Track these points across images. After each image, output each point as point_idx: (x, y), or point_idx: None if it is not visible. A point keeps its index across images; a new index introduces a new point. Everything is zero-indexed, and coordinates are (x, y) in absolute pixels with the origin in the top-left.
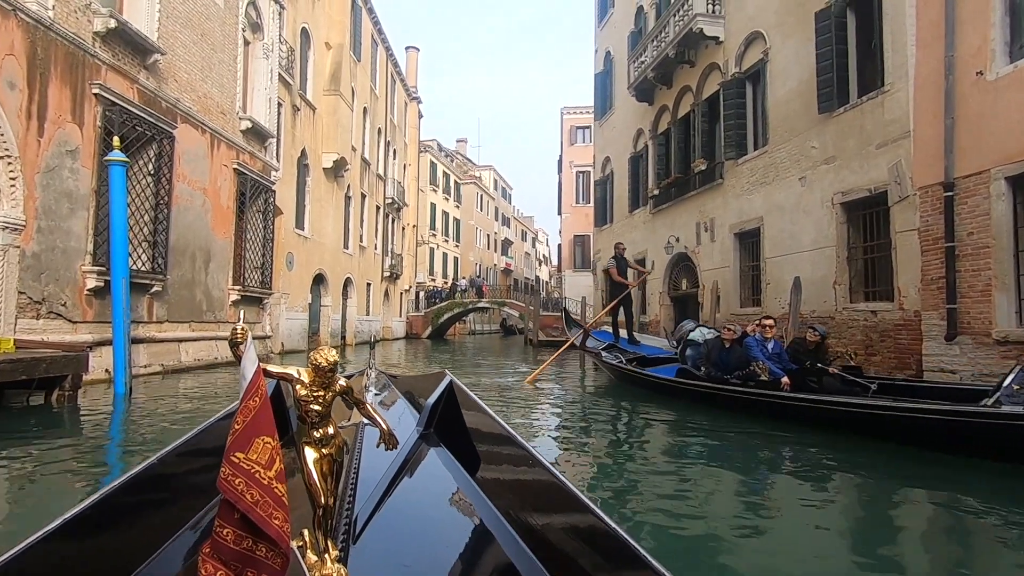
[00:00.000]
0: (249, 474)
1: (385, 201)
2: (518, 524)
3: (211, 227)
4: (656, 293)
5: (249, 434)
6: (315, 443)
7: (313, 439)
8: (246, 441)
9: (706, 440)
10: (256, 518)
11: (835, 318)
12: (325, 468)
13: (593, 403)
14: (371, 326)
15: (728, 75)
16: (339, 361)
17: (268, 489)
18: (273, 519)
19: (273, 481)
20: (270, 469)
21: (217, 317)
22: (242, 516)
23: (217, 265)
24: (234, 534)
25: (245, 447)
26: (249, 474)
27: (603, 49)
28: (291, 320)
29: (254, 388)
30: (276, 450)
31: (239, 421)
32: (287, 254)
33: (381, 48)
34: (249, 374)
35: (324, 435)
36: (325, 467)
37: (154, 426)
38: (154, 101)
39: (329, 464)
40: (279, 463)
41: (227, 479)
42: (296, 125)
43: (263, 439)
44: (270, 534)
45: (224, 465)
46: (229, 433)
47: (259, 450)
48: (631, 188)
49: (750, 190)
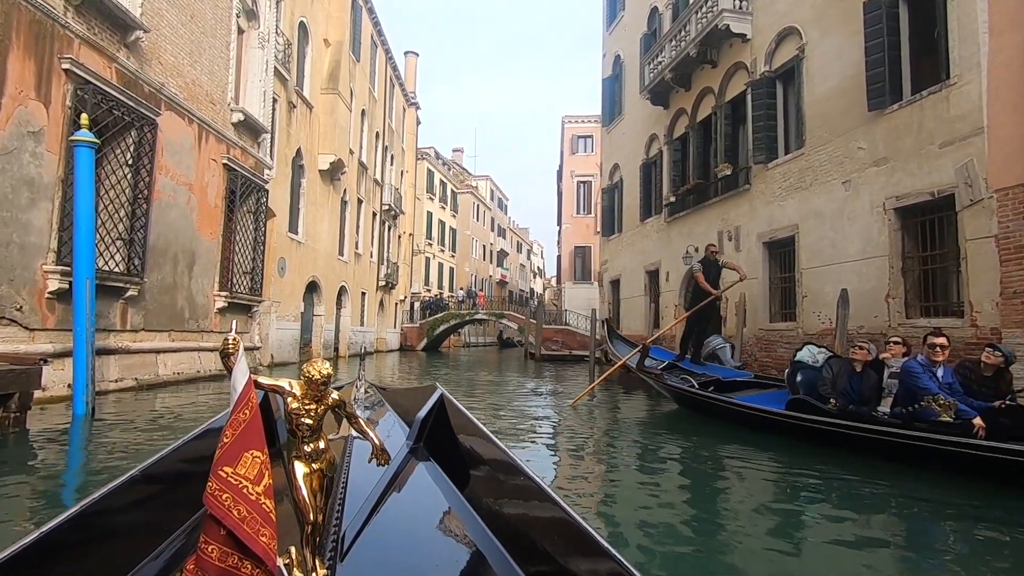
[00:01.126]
0: (237, 489)
1: (382, 207)
2: (508, 541)
3: (196, 227)
4: (671, 306)
5: (238, 448)
6: (305, 458)
7: (303, 453)
8: (235, 455)
9: (854, 508)
10: (243, 535)
11: (887, 335)
12: (315, 484)
13: (660, 437)
14: (365, 337)
15: (757, 74)
16: (332, 374)
17: (256, 505)
18: (260, 536)
19: (261, 497)
20: (258, 484)
21: (201, 326)
22: (228, 532)
23: (202, 268)
24: (219, 551)
25: (234, 461)
26: (237, 489)
27: (612, 53)
28: (282, 330)
29: (245, 400)
30: (265, 464)
31: (228, 434)
32: (279, 259)
33: (380, 50)
34: (240, 386)
35: (315, 450)
36: (315, 483)
37: (115, 453)
38: (135, 83)
39: (319, 479)
40: (268, 478)
41: (214, 494)
42: (292, 123)
43: (252, 453)
44: (256, 552)
45: (211, 479)
46: (217, 446)
47: (248, 464)
48: (643, 196)
49: (782, 196)
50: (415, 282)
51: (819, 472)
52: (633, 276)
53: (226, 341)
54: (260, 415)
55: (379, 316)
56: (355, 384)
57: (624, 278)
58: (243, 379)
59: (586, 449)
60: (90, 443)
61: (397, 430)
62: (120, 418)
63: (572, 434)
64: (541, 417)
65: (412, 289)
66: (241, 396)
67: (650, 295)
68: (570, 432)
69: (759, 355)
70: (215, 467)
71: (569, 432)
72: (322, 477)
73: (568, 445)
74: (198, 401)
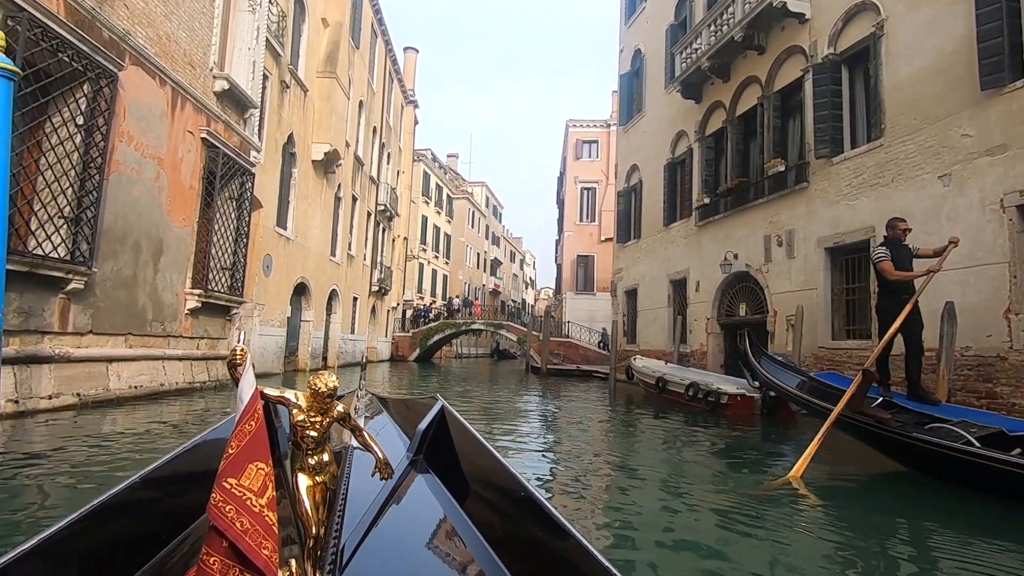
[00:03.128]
0: (240, 501)
1: (377, 208)
2: (506, 556)
3: (166, 209)
4: (702, 319)
5: (243, 459)
6: (309, 470)
7: (307, 466)
8: (239, 466)
9: None
10: (245, 548)
11: (1008, 359)
12: (318, 496)
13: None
14: (356, 346)
15: (818, 58)
16: (339, 387)
17: (259, 517)
18: (262, 549)
19: (264, 509)
20: (262, 496)
21: (167, 329)
22: (230, 545)
23: (171, 261)
24: (221, 563)
25: (238, 473)
26: (240, 501)
27: (630, 48)
28: (266, 336)
29: (251, 411)
30: (269, 476)
31: (233, 445)
32: (264, 256)
33: (380, 41)
34: (246, 396)
35: (319, 462)
36: (318, 495)
37: (18, 507)
38: (90, 25)
39: (322, 492)
40: (271, 490)
41: (218, 506)
42: (284, 105)
43: (257, 465)
44: (258, 564)
45: (215, 491)
46: (223, 456)
47: (252, 476)
48: (667, 199)
49: (851, 194)
50: (408, 289)
51: None
52: (653, 285)
53: (234, 352)
54: (266, 426)
55: (371, 324)
56: (356, 394)
57: (643, 288)
58: (250, 389)
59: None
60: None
61: (397, 441)
62: (39, 450)
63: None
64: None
65: (405, 296)
66: (247, 407)
67: (674, 306)
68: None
69: None
70: (219, 478)
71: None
72: (325, 490)
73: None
74: (160, 422)
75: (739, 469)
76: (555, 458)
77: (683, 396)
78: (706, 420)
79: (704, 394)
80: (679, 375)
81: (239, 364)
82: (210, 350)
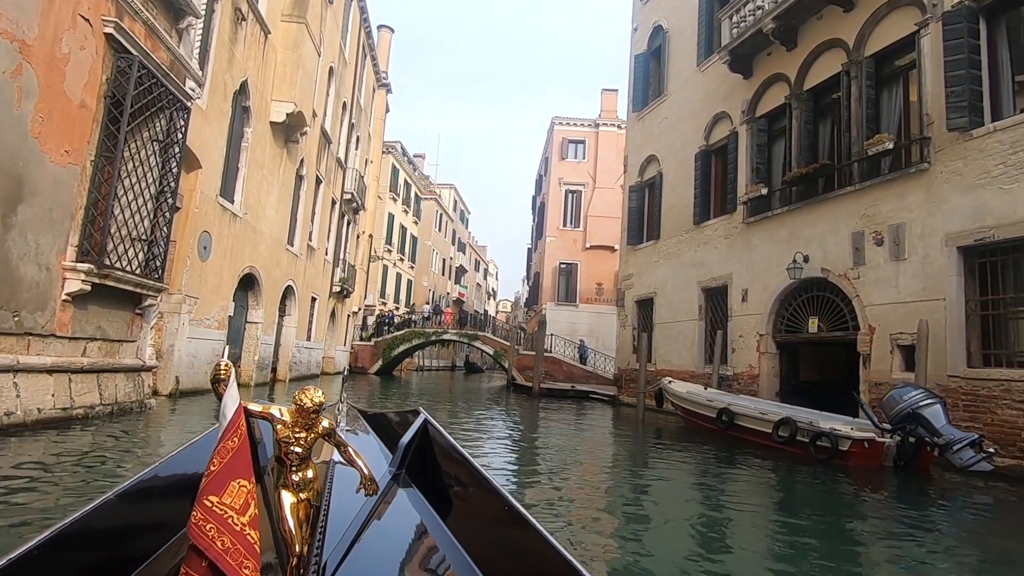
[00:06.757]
0: (222, 519)
1: (343, 196)
2: (489, 570)
3: (31, 130)
4: (751, 335)
5: (225, 476)
6: (293, 487)
7: (291, 482)
8: (221, 483)
9: None
10: (225, 567)
11: None
12: (302, 514)
13: None
14: (312, 355)
15: (946, 6)
16: (324, 403)
17: (240, 536)
18: (243, 568)
19: (246, 528)
20: (244, 514)
21: (26, 323)
22: (210, 564)
23: (39, 214)
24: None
25: (220, 490)
26: (222, 519)
27: (648, 25)
28: (197, 340)
29: (234, 428)
30: (252, 494)
31: (215, 462)
32: (201, 234)
33: (356, 7)
34: (230, 412)
35: (303, 479)
36: (302, 513)
37: None
38: None
39: (306, 509)
40: (254, 508)
41: (198, 524)
42: (237, 41)
43: (239, 482)
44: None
45: (196, 509)
46: (204, 473)
47: (234, 494)
48: (699, 192)
49: (1004, 177)
50: (370, 292)
51: None
52: (677, 294)
53: (218, 367)
54: (249, 443)
55: (329, 330)
56: (336, 407)
57: (661, 297)
58: (233, 405)
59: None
60: None
61: (379, 455)
62: None
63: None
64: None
65: (366, 301)
66: (231, 423)
67: (708, 320)
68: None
69: (959, 416)
70: (200, 496)
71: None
72: (308, 507)
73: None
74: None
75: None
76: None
77: (769, 437)
78: (813, 472)
79: (811, 437)
80: (752, 406)
81: (223, 380)
82: (106, 358)
